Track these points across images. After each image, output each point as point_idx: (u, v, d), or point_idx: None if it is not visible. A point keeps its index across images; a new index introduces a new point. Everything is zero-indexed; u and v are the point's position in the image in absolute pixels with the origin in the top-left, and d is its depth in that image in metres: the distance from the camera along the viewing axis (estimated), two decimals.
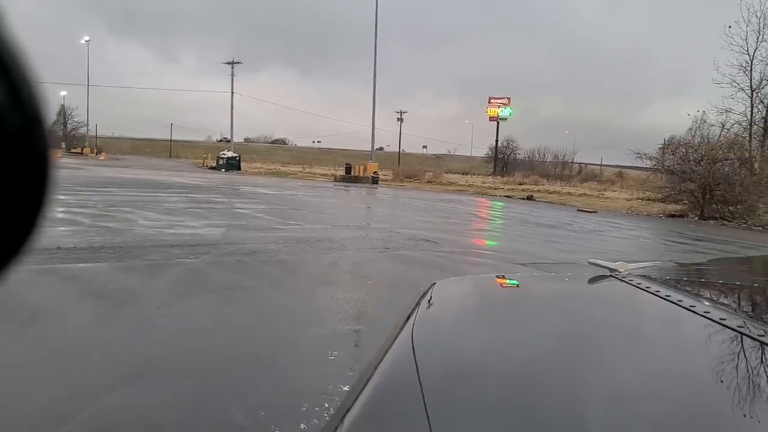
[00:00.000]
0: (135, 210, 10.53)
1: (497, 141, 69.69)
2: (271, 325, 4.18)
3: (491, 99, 69.31)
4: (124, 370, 3.04)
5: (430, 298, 1.16)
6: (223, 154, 45.81)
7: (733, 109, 26.10)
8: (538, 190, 32.33)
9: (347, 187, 29.29)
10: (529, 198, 27.25)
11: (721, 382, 0.72)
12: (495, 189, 33.87)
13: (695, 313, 0.95)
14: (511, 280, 1.51)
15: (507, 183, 41.02)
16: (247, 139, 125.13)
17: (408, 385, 0.71)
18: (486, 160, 76.01)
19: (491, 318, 1.14)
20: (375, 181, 33.32)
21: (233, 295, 4.95)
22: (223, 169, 42.40)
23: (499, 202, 23.91)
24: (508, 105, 68.48)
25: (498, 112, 67.78)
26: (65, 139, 70.90)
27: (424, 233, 9.90)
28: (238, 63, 61.08)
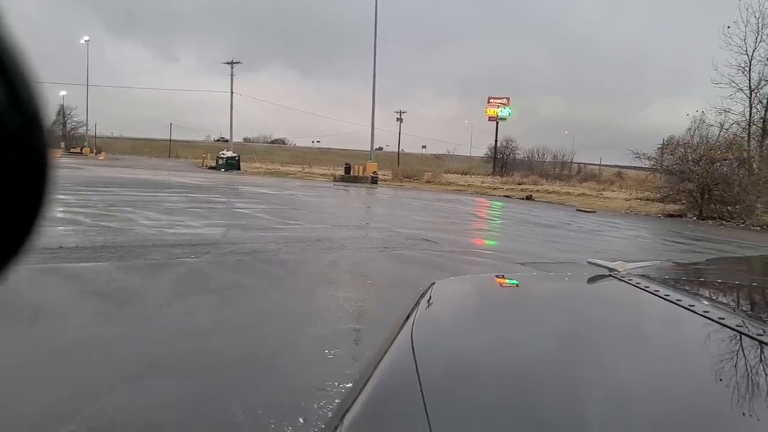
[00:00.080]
0: (135, 210, 10.56)
1: (496, 141, 69.82)
2: (271, 324, 4.21)
3: (490, 99, 69.34)
4: (125, 369, 3.07)
5: (429, 297, 1.16)
6: (223, 154, 45.82)
7: (731, 110, 26.17)
8: (537, 190, 32.38)
9: (347, 187, 29.32)
10: (528, 198, 27.31)
11: (720, 380, 0.73)
12: (494, 189, 33.91)
13: (694, 312, 0.95)
14: (511, 279, 1.52)
15: (506, 183, 41.07)
16: (247, 139, 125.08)
17: (408, 385, 0.71)
18: (485, 160, 76.07)
19: (491, 317, 1.15)
20: (374, 181, 33.36)
21: (234, 294, 4.99)
22: (222, 169, 42.42)
23: (498, 202, 23.95)
24: (507, 105, 68.52)
25: (497, 112, 67.81)
26: (64, 139, 70.86)
27: (423, 233, 9.95)
28: (237, 63, 61.11)
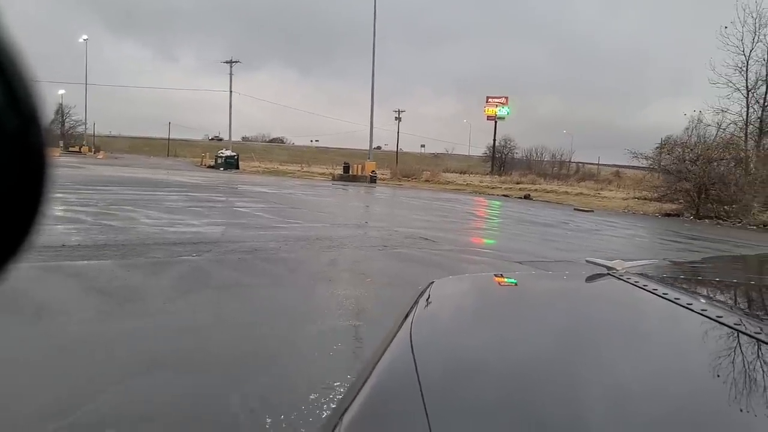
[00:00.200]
0: (136, 208, 10.62)
1: (495, 140, 69.83)
2: (272, 321, 4.27)
3: (489, 98, 69.30)
4: (128, 366, 3.13)
5: (428, 296, 1.17)
6: (222, 153, 45.81)
7: (729, 109, 26.29)
8: (535, 190, 32.47)
9: (345, 186, 29.36)
10: (526, 197, 27.40)
11: (718, 378, 0.74)
12: (492, 188, 33.99)
13: (692, 310, 0.95)
14: (509, 278, 1.52)
15: (504, 182, 41.16)
16: (245, 138, 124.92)
17: (407, 384, 0.71)
18: (484, 159, 76.12)
19: (489, 316, 1.15)
20: (373, 180, 33.41)
21: (235, 292, 5.05)
22: (221, 168, 42.42)
23: (496, 201, 24.03)
24: (505, 104, 68.53)
25: (496, 111, 67.79)
26: (63, 138, 70.71)
27: (422, 232, 10.02)
28: (236, 62, 61.09)
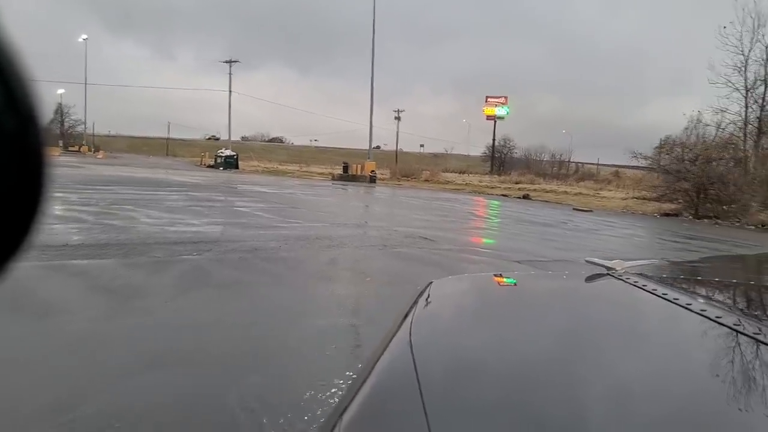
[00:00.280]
0: (137, 208, 10.66)
1: (494, 140, 69.87)
2: (273, 319, 4.31)
3: (488, 98, 69.38)
4: (131, 361, 3.17)
5: (427, 296, 1.17)
6: (221, 153, 45.82)
7: (728, 109, 26.39)
8: (534, 189, 32.53)
9: (345, 185, 29.41)
10: (525, 197, 27.45)
11: (717, 377, 0.74)
12: (492, 188, 34.05)
13: (691, 311, 0.96)
14: (509, 278, 1.53)
15: (504, 182, 41.23)
16: (244, 138, 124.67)
17: (406, 384, 0.71)
18: (483, 158, 76.09)
19: (489, 316, 1.16)
20: (372, 179, 33.45)
21: (236, 290, 5.10)
22: (221, 168, 42.43)
23: (495, 201, 24.09)
24: (505, 104, 68.59)
25: (495, 111, 67.89)
26: (62, 138, 70.70)
27: (421, 231, 10.06)
28: (235, 62, 61.06)
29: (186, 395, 2.84)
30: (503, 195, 28.66)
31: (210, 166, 44.78)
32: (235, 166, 43.72)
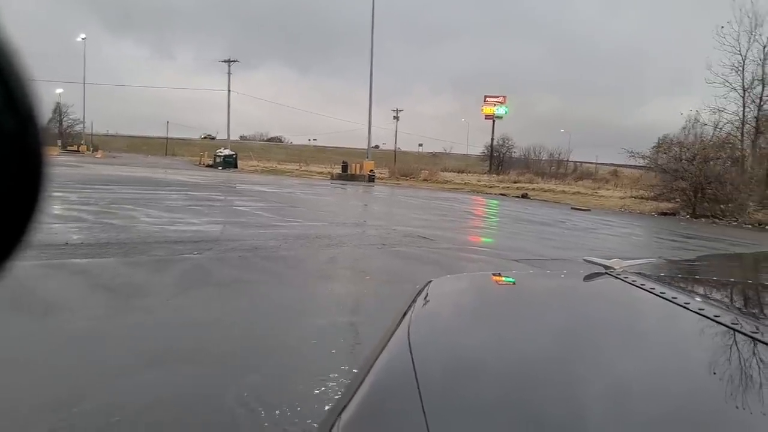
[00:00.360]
0: (137, 207, 10.68)
1: (493, 139, 69.88)
2: (272, 318, 4.33)
3: (487, 97, 69.44)
4: (132, 358, 3.20)
5: (426, 295, 1.17)
6: (221, 152, 45.78)
7: (725, 109, 26.45)
8: (532, 189, 32.58)
9: (344, 185, 29.42)
10: (524, 196, 27.50)
11: (715, 375, 0.74)
12: (490, 187, 34.09)
13: (689, 309, 0.96)
14: (507, 277, 1.53)
15: (502, 181, 41.26)
16: (243, 137, 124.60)
17: (405, 383, 0.71)
18: (482, 158, 76.10)
19: (487, 315, 1.16)
20: (371, 179, 33.47)
21: (237, 289, 5.13)
22: (220, 167, 42.40)
23: (494, 200, 24.13)
24: (503, 103, 68.66)
25: (494, 110, 67.95)
26: (61, 137, 70.60)
27: (420, 230, 10.09)
28: (234, 61, 61.10)
29: (186, 394, 2.85)
30: (502, 194, 28.70)
31: (209, 166, 44.75)
32: (234, 166, 43.70)
